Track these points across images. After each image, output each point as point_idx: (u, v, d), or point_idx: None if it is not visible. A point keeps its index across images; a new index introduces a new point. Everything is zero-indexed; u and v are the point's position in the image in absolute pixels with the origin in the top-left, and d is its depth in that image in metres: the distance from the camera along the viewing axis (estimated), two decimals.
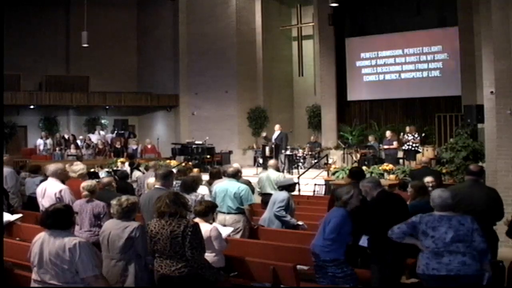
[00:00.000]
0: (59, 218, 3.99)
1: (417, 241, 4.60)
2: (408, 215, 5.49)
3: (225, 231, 5.82)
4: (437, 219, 4.51)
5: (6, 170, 8.98)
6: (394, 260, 5.26)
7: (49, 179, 7.08)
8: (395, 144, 14.95)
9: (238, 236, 6.85)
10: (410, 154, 14.64)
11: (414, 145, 14.60)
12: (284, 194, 7.40)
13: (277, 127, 16.45)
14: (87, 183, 6.58)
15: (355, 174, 6.71)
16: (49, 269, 3.91)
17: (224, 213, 6.95)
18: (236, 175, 7.40)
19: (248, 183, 8.71)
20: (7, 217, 7.07)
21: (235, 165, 8.88)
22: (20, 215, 7.51)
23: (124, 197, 4.85)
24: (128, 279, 4.59)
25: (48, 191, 6.87)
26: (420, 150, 14.85)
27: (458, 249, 4.40)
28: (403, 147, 14.78)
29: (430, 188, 6.77)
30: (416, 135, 14.79)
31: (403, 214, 5.41)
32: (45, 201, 6.87)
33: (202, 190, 7.43)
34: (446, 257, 4.40)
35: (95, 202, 6.37)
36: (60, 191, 6.77)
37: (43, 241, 3.97)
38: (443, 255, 4.41)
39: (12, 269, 4.96)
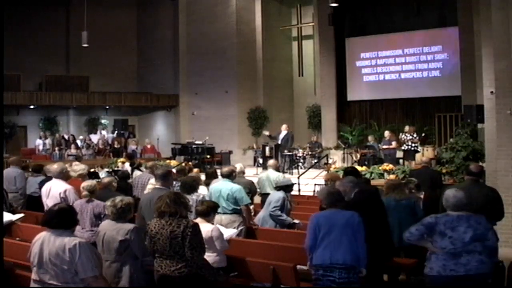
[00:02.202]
0: (64, 218, 4.01)
1: (427, 243, 4.55)
2: (385, 213, 5.63)
3: (228, 233, 5.82)
4: (455, 219, 4.46)
5: (16, 171, 8.98)
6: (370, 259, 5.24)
7: (54, 179, 7.10)
8: (393, 144, 14.94)
9: (234, 236, 6.85)
10: (409, 154, 14.63)
11: (413, 145, 14.59)
12: (279, 194, 7.45)
13: (284, 127, 16.36)
14: (87, 183, 6.59)
15: (350, 174, 6.50)
16: (48, 269, 3.92)
17: (219, 213, 6.94)
18: (230, 175, 7.36)
19: (251, 183, 8.72)
20: (9, 217, 7.07)
21: (238, 165, 8.87)
22: (22, 214, 7.51)
23: (118, 198, 4.85)
24: (122, 280, 4.60)
25: (53, 191, 6.90)
26: (419, 150, 14.84)
27: (475, 248, 4.38)
28: (402, 147, 14.77)
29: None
30: (415, 135, 14.78)
31: (380, 214, 5.56)
32: (49, 201, 6.89)
33: (202, 190, 7.44)
34: (464, 257, 4.38)
35: (95, 202, 6.37)
36: (65, 191, 6.80)
37: (43, 241, 3.97)
38: (461, 255, 4.38)
39: (13, 269, 4.96)
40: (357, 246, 4.74)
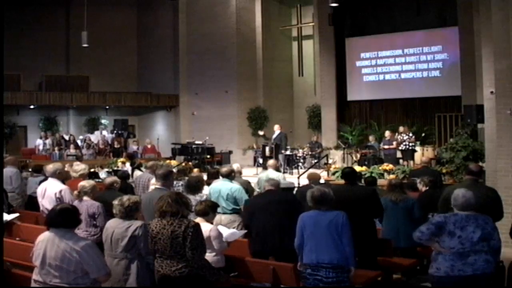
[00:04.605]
0: (67, 218, 4.04)
1: (433, 243, 4.54)
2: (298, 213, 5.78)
3: (234, 234, 5.79)
4: (464, 218, 4.46)
5: (12, 170, 8.98)
6: None
7: (49, 179, 7.09)
8: (394, 144, 14.94)
9: (239, 237, 6.85)
10: (407, 154, 14.63)
11: (410, 144, 14.59)
12: None
13: (276, 127, 16.44)
14: (81, 184, 6.56)
15: (348, 175, 6.39)
16: (52, 270, 3.93)
17: (219, 213, 6.94)
18: (229, 175, 7.36)
19: (247, 183, 8.72)
20: (4, 217, 7.06)
21: (235, 165, 8.86)
22: (17, 214, 7.49)
23: (125, 197, 4.87)
24: (130, 278, 4.62)
25: (48, 191, 6.89)
26: (417, 149, 14.84)
27: (482, 248, 4.39)
28: (400, 148, 14.77)
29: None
30: (410, 134, 14.81)
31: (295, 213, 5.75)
32: (45, 202, 6.89)
33: (204, 190, 7.43)
34: (471, 256, 4.37)
35: (90, 202, 6.32)
36: (60, 191, 6.78)
37: (48, 242, 3.98)
38: (468, 255, 4.38)
39: (10, 269, 4.95)
40: (343, 246, 4.77)
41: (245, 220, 6.23)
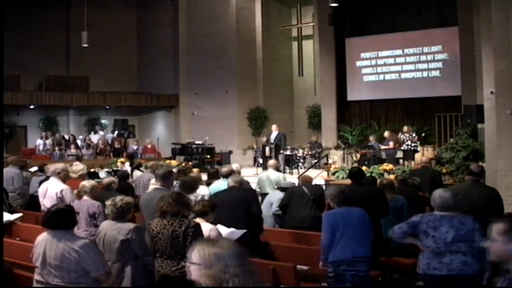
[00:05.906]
0: (62, 218, 4.02)
1: (417, 241, 4.61)
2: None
3: (235, 233, 5.78)
4: (438, 218, 4.51)
5: (14, 171, 8.99)
6: None
7: (51, 178, 7.11)
8: (391, 144, 14.89)
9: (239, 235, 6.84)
10: (409, 154, 14.60)
11: (412, 144, 14.58)
12: (280, 195, 7.51)
13: (274, 127, 16.44)
14: (82, 183, 6.56)
15: (355, 175, 6.45)
16: (52, 270, 3.93)
17: None
18: (229, 175, 7.39)
19: (246, 183, 8.72)
20: (7, 216, 7.07)
21: (234, 165, 8.86)
22: (20, 214, 7.51)
23: (118, 197, 4.85)
24: (124, 281, 4.60)
25: (50, 191, 6.89)
26: (419, 150, 14.83)
27: (459, 249, 4.39)
28: (402, 147, 14.76)
29: None
30: (413, 135, 14.80)
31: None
32: (46, 201, 6.89)
33: (203, 190, 7.43)
34: (447, 256, 4.40)
35: (90, 201, 6.30)
36: (61, 191, 6.79)
37: (47, 242, 3.98)
38: (444, 255, 4.40)
39: (10, 269, 4.96)
40: (370, 239, 4.99)
41: None
